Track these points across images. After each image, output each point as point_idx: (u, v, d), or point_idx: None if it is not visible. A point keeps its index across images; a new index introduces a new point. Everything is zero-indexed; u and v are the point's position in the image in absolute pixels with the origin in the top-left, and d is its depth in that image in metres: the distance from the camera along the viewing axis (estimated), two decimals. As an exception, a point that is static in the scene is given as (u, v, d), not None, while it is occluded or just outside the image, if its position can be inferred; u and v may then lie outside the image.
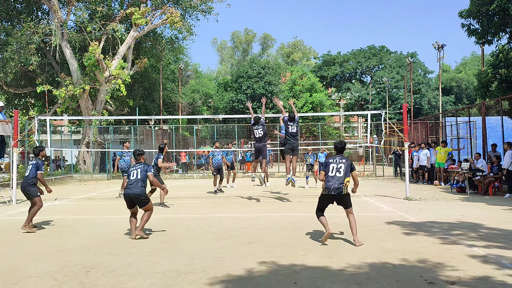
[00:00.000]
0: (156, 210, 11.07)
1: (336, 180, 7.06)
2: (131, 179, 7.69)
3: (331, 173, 7.16)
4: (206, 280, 5.01)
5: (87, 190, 17.82)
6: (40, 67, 28.33)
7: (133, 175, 7.70)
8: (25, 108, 34.46)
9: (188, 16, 30.71)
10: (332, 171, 7.17)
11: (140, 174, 7.69)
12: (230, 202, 12.82)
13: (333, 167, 7.17)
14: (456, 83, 57.98)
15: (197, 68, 55.55)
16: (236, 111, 47.17)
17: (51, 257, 6.23)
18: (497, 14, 16.79)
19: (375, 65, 59.37)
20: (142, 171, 7.73)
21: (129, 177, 7.78)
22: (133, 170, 7.80)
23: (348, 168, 7.12)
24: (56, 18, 25.70)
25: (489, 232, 7.65)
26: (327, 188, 7.11)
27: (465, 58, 72.48)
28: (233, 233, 7.79)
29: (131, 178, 7.69)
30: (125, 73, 26.46)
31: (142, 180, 7.65)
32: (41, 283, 5.00)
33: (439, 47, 34.38)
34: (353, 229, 7.05)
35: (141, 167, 7.82)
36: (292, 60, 75.50)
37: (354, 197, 13.68)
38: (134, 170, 7.77)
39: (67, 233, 8.10)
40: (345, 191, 7.06)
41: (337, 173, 7.11)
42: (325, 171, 7.24)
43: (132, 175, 7.73)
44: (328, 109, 53.36)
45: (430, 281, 4.85)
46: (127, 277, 5.18)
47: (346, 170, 7.09)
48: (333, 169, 7.16)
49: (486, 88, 18.21)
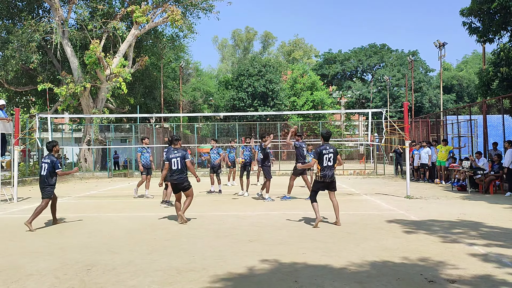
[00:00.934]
0: (157, 209, 11.10)
1: (330, 169, 8.12)
2: (173, 168, 8.60)
3: (325, 163, 8.08)
4: (206, 278, 5.02)
5: (88, 188, 17.84)
6: (41, 65, 28.35)
7: (175, 165, 8.62)
8: (26, 106, 34.50)
9: (189, 14, 30.71)
10: (325, 161, 8.09)
11: (180, 164, 8.61)
12: (231, 200, 12.82)
13: (326, 157, 8.08)
14: (457, 82, 57.90)
15: (198, 66, 55.54)
16: (237, 109, 47.17)
17: (52, 255, 6.24)
18: (498, 12, 16.73)
19: (376, 63, 59.31)
20: (182, 160, 8.63)
21: (171, 166, 8.62)
22: (173, 159, 8.65)
23: (335, 156, 8.18)
24: (57, 16, 25.70)
25: (490, 230, 7.64)
26: (323, 176, 8.10)
27: (466, 57, 72.42)
28: (233, 231, 7.79)
29: (173, 168, 8.61)
30: (126, 71, 26.47)
31: (182, 168, 8.61)
32: (42, 281, 5.01)
33: (440, 45, 34.33)
34: (337, 210, 8.25)
35: (180, 156, 8.66)
36: (293, 58, 75.40)
37: (355, 195, 13.81)
38: (174, 159, 8.64)
39: (68, 231, 8.11)
40: (334, 177, 8.27)
41: (328, 162, 8.09)
42: (319, 160, 8.10)
43: (173, 164, 8.63)
44: (329, 107, 53.32)
45: (431, 279, 4.85)
46: (128, 275, 5.19)
47: (335, 158, 8.15)
48: (326, 159, 8.08)
49: (487, 87, 18.15)
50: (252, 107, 46.90)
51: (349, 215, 9.62)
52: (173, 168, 8.62)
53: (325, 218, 8.84)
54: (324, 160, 8.09)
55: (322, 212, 8.78)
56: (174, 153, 8.71)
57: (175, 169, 8.61)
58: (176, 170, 8.61)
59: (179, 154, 8.69)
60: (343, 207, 10.93)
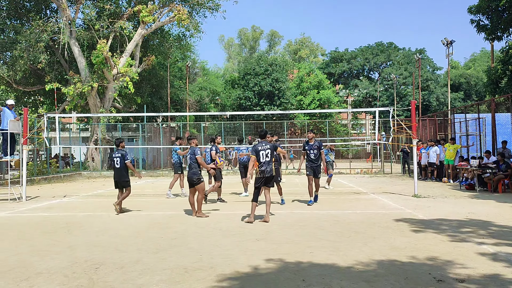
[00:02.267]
0: (164, 208, 11.13)
1: (267, 164, 8.54)
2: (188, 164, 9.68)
3: (262, 158, 8.55)
4: (214, 277, 5.03)
5: (95, 187, 17.93)
6: (49, 65, 28.54)
7: (188, 160, 9.73)
8: (34, 106, 34.76)
9: (195, 14, 30.75)
10: (263, 157, 8.55)
11: (190, 159, 9.58)
12: (238, 199, 12.83)
13: (263, 153, 8.57)
14: (465, 80, 57.47)
15: (205, 65, 55.65)
16: (243, 108, 47.18)
17: (61, 253, 6.28)
18: (507, 10, 16.61)
19: (383, 62, 59.05)
20: (191, 156, 9.55)
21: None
22: (187, 155, 9.88)
23: (272, 151, 8.68)
24: (64, 16, 25.85)
25: (499, 229, 7.58)
26: (262, 171, 8.51)
27: (474, 54, 71.85)
28: (240, 230, 7.80)
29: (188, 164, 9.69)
30: (132, 70, 26.59)
31: (192, 164, 9.50)
32: (51, 279, 5.04)
33: (448, 43, 34.11)
34: (268, 207, 8.63)
35: (190, 152, 9.64)
36: (300, 57, 75.29)
37: (362, 194, 13.75)
38: (188, 155, 9.78)
39: (76, 230, 8.16)
40: (273, 172, 8.73)
41: (266, 158, 8.55)
42: (257, 157, 8.56)
43: (188, 160, 9.76)
44: (336, 106, 53.18)
45: (439, 278, 4.82)
46: (135, 273, 5.21)
47: (272, 153, 8.64)
48: (263, 155, 8.56)
49: (496, 85, 18.04)
50: (258, 106, 46.90)
51: (356, 214, 9.59)
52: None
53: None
54: (261, 156, 8.55)
55: (325, 211, 8.76)
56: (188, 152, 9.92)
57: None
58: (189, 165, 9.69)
59: (190, 152, 9.75)
60: (350, 205, 10.93)
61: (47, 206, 11.83)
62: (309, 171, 11.08)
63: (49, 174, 22.12)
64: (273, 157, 8.63)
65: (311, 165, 11.09)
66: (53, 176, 21.92)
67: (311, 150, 11.09)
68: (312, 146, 11.10)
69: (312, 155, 11.06)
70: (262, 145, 8.68)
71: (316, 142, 11.23)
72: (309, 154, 11.11)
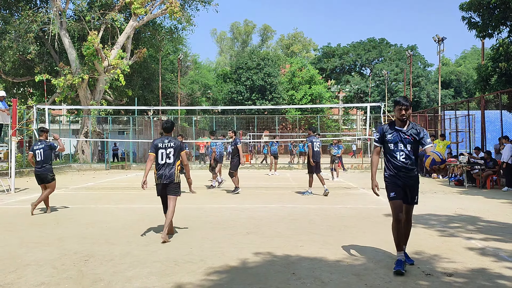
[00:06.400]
0: (155, 200, 11.09)
1: (168, 167, 6.58)
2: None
3: (162, 159, 6.61)
4: (204, 269, 5.03)
5: (85, 180, 17.82)
6: (39, 56, 28.20)
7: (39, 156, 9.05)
8: (23, 97, 34.36)
9: (187, 6, 30.55)
10: (163, 157, 6.62)
11: (43, 155, 9.05)
12: (229, 193, 12.82)
13: (163, 152, 6.63)
14: (456, 77, 57.91)
15: (196, 59, 55.35)
16: (235, 102, 47.12)
17: (50, 245, 6.23)
18: (497, 7, 16.71)
19: (375, 58, 59.26)
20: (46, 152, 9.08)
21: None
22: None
23: (177, 151, 6.64)
24: (54, 6, 25.52)
25: (487, 225, 7.67)
26: (159, 177, 6.63)
27: (465, 52, 72.35)
28: (231, 224, 7.80)
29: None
30: (124, 63, 26.36)
31: (46, 159, 9.00)
32: (40, 271, 5.01)
33: (439, 40, 34.28)
34: (168, 219, 6.55)
35: (45, 148, 9.09)
36: (292, 52, 75.28)
37: (353, 189, 13.83)
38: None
39: (66, 222, 8.10)
40: (177, 179, 6.64)
41: (167, 159, 6.60)
42: (155, 157, 6.67)
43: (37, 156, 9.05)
44: (327, 101, 53.34)
45: (428, 272, 4.87)
46: (125, 266, 5.19)
47: (176, 154, 6.65)
48: (163, 155, 6.62)
49: (486, 82, 18.18)
50: (250, 101, 46.86)
51: (347, 208, 9.65)
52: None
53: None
54: (160, 156, 6.62)
55: (316, 206, 8.77)
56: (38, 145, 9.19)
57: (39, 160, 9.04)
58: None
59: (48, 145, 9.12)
60: (341, 200, 10.99)
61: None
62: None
63: (38, 166, 21.89)
64: (177, 159, 6.63)
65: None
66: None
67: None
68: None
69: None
70: (164, 141, 6.67)
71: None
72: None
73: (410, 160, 5.05)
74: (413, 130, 5.09)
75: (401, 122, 5.10)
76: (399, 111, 5.07)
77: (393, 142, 5.08)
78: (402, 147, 5.05)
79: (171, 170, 6.58)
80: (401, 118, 5.03)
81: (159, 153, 6.62)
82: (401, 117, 5.04)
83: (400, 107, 5.05)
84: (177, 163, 6.63)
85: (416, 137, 5.06)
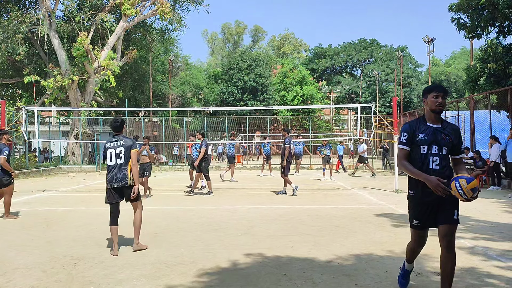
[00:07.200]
0: (145, 202, 11.03)
1: (119, 170, 5.90)
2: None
3: (111, 161, 5.95)
4: (195, 271, 5.01)
5: (75, 182, 17.68)
6: (28, 57, 27.96)
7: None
8: (12, 98, 34.05)
9: (178, 7, 30.50)
10: (112, 159, 5.95)
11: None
12: (220, 194, 12.81)
13: (112, 153, 5.96)
14: (446, 77, 58.37)
15: (188, 59, 55.26)
16: (226, 103, 47.07)
17: (39, 248, 6.18)
18: (486, 8, 16.88)
19: (366, 58, 59.54)
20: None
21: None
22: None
23: (129, 150, 5.98)
24: (44, 7, 25.32)
25: (476, 224, 7.74)
26: (109, 180, 5.93)
27: (454, 52, 72.88)
28: (223, 225, 7.79)
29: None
30: (114, 64, 26.22)
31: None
32: (29, 274, 4.96)
33: (429, 41, 34.52)
34: (136, 227, 6.07)
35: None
36: (283, 53, 75.40)
37: (344, 190, 13.89)
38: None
39: (55, 224, 8.03)
40: (130, 182, 5.94)
41: (118, 160, 5.93)
42: (104, 158, 6.05)
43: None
44: (319, 102, 53.50)
45: (418, 272, 4.90)
46: (116, 268, 5.16)
47: (127, 154, 5.96)
48: (112, 156, 5.96)
49: (475, 82, 18.33)
50: (241, 101, 46.85)
51: (338, 209, 9.68)
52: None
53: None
54: (109, 157, 5.96)
55: (307, 206, 8.78)
56: None
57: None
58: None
59: None
60: (332, 201, 11.02)
61: (25, 200, 11.62)
62: None
63: (28, 169, 21.73)
64: (129, 160, 5.94)
65: None
66: (32, 170, 21.54)
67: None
68: None
69: None
70: (112, 140, 6.05)
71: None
72: None
73: (445, 168, 3.86)
74: (449, 128, 3.94)
75: (434, 117, 3.90)
76: (435, 99, 3.86)
77: (427, 143, 3.86)
78: (437, 150, 3.84)
79: (123, 171, 5.88)
80: (438, 108, 3.83)
81: (108, 153, 5.95)
82: (438, 107, 3.83)
83: (436, 94, 3.86)
84: (129, 163, 5.97)
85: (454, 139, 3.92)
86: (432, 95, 3.87)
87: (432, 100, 3.86)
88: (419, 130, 3.91)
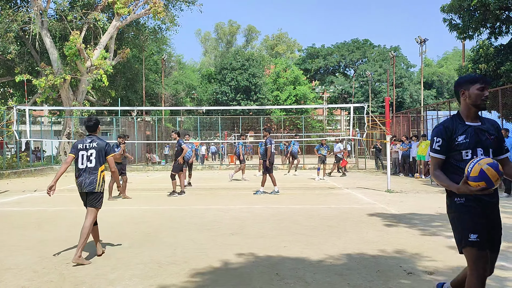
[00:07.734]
0: (138, 202, 10.99)
1: (89, 173, 5.58)
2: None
3: (82, 163, 5.61)
4: (188, 271, 5.01)
5: (67, 182, 17.55)
6: (19, 56, 27.72)
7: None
8: (3, 97, 33.76)
9: (171, 6, 30.36)
10: (83, 161, 5.61)
11: None
12: (213, 194, 12.80)
13: (83, 155, 5.61)
14: (438, 78, 58.75)
15: (181, 59, 55.13)
16: (219, 103, 47.00)
17: (31, 249, 6.14)
18: (478, 9, 17.00)
19: (359, 59, 59.72)
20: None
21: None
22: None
23: (101, 153, 5.61)
24: (35, 6, 25.11)
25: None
26: (78, 184, 5.68)
27: (446, 53, 73.41)
28: (215, 225, 7.79)
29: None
30: (107, 63, 26.08)
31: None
32: (20, 274, 4.93)
33: (421, 41, 34.73)
34: (82, 237, 5.44)
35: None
36: (276, 53, 75.46)
37: (336, 189, 13.94)
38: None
39: (47, 224, 7.98)
40: (99, 188, 5.61)
41: (88, 163, 5.59)
42: (76, 159, 5.69)
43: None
44: (312, 102, 53.61)
45: (409, 271, 4.93)
46: (108, 268, 5.14)
47: (99, 157, 5.61)
48: (83, 158, 5.62)
49: (467, 83, 18.45)
50: (235, 101, 46.80)
51: (330, 208, 9.71)
52: None
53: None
54: (80, 159, 5.61)
55: (300, 206, 8.78)
56: None
57: None
58: None
59: None
60: (325, 200, 11.05)
61: (17, 200, 11.54)
62: None
63: (19, 168, 21.56)
64: (102, 164, 5.62)
65: None
66: (23, 170, 21.38)
67: None
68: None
69: None
70: (85, 141, 5.68)
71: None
72: None
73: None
74: (489, 125, 3.29)
75: (474, 113, 3.26)
76: (481, 92, 3.22)
77: (470, 147, 3.18)
78: (483, 153, 3.17)
79: (92, 176, 5.55)
80: (483, 104, 3.20)
81: (79, 155, 5.60)
82: (483, 101, 3.20)
83: (483, 86, 3.22)
84: (100, 168, 5.59)
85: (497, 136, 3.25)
86: (477, 87, 3.20)
87: (477, 93, 3.20)
88: (457, 132, 3.22)
